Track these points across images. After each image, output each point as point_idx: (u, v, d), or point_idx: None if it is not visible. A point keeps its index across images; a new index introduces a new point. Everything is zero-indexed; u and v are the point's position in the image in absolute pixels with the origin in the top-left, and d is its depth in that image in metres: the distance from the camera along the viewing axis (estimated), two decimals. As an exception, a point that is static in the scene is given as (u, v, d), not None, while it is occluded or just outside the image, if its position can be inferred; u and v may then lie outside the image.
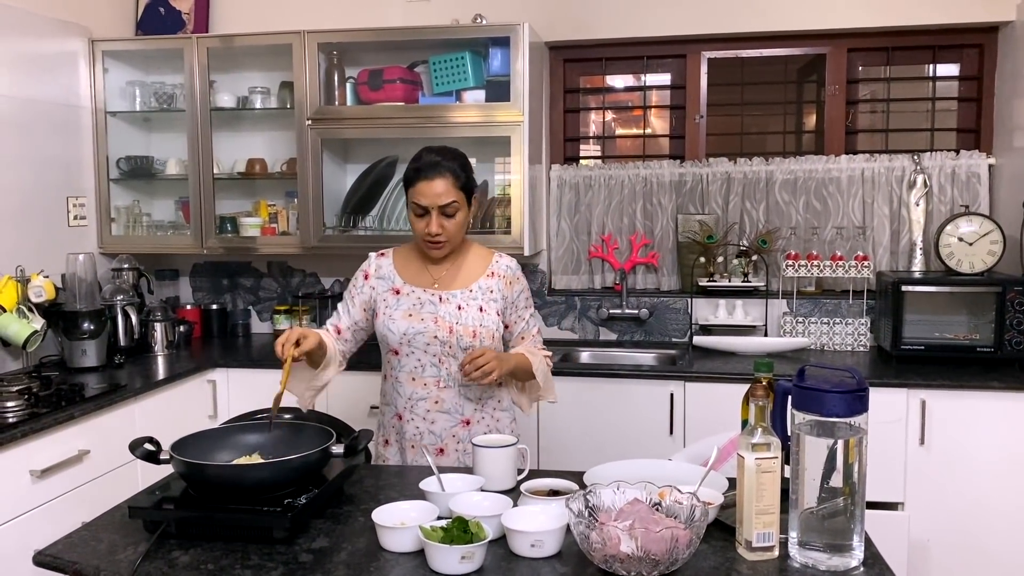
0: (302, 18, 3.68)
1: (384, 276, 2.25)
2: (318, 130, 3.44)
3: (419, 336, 2.16)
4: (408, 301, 2.20)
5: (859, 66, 3.62)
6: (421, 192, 2.12)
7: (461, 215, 2.17)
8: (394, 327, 2.17)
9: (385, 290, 2.23)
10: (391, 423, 2.26)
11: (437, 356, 2.17)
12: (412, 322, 2.17)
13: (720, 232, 3.59)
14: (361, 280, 2.26)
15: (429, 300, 2.19)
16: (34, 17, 3.24)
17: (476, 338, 2.17)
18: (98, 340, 3.13)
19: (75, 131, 3.48)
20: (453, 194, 2.13)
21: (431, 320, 2.17)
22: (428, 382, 2.19)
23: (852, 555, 1.45)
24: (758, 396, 1.49)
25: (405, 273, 2.24)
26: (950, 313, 3.16)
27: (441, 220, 2.13)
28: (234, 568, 1.48)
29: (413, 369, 2.19)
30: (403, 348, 2.18)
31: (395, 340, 2.18)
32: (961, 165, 3.43)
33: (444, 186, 2.12)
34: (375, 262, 2.28)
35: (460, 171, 2.16)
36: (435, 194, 2.11)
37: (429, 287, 2.21)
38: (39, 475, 2.41)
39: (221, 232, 3.62)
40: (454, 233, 2.17)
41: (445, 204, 2.12)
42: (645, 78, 3.80)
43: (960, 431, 2.88)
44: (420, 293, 2.20)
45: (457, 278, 2.23)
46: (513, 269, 2.28)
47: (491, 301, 2.22)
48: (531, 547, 1.49)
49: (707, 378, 3.05)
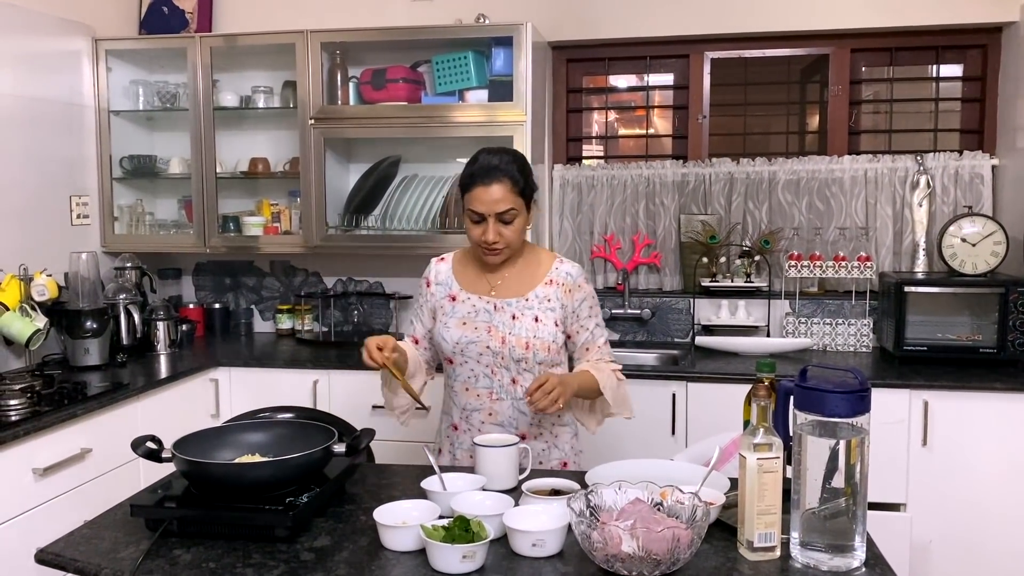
0: (305, 17, 3.68)
1: (442, 282, 2.18)
2: (321, 129, 3.44)
3: (472, 345, 2.09)
4: (463, 308, 2.13)
5: (862, 66, 3.62)
6: (477, 198, 2.02)
7: (519, 221, 2.06)
8: (448, 335, 2.11)
9: (443, 296, 2.16)
10: (447, 432, 2.20)
11: (490, 367, 2.10)
12: (465, 331, 2.10)
13: (723, 232, 3.58)
14: (425, 288, 2.21)
15: (484, 308, 2.11)
16: (38, 16, 3.25)
17: (529, 350, 2.07)
18: (101, 339, 3.14)
19: (79, 130, 3.49)
20: (511, 200, 2.02)
21: (484, 329, 2.09)
22: (481, 393, 2.11)
23: (854, 556, 1.45)
24: (760, 396, 1.49)
25: (463, 279, 2.16)
26: (953, 314, 3.15)
27: (498, 227, 2.03)
28: (236, 566, 1.48)
29: (467, 379, 2.12)
30: (456, 357, 2.12)
31: (448, 349, 2.11)
32: (964, 166, 3.42)
33: (501, 192, 2.01)
34: (434, 268, 2.21)
35: (518, 175, 2.05)
36: (492, 200, 2.01)
37: (485, 294, 2.13)
38: (41, 473, 2.42)
39: (224, 231, 3.62)
40: (512, 240, 2.06)
41: (502, 211, 2.02)
42: (648, 78, 3.80)
43: (963, 432, 2.88)
44: (476, 300, 2.12)
45: (514, 286, 2.13)
46: (574, 276, 2.15)
47: (548, 311, 2.11)
48: (532, 546, 1.49)
49: (709, 378, 3.05)
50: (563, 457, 2.17)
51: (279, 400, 2.89)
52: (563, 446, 2.17)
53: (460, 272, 2.18)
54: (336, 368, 3.26)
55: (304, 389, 3.25)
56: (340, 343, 3.60)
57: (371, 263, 3.82)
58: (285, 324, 3.84)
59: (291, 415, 2.43)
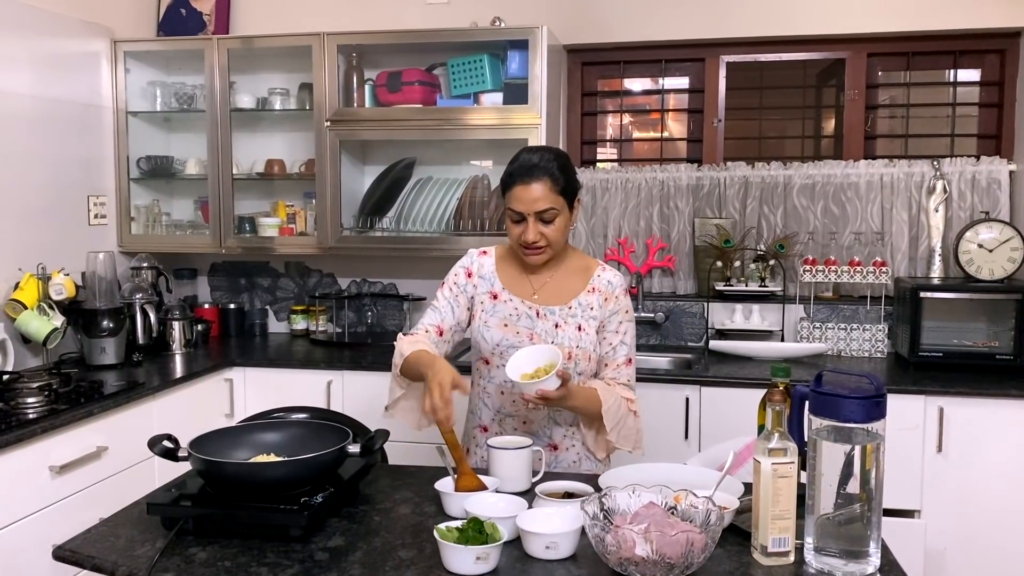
0: (322, 20, 3.70)
1: (485, 276, 2.11)
2: (336, 131, 3.46)
3: (512, 350, 2.00)
4: (505, 309, 2.08)
5: (879, 71, 3.60)
6: (517, 197, 1.99)
7: (561, 220, 2.02)
8: (488, 335, 2.06)
9: (484, 292, 2.10)
10: (473, 433, 2.15)
11: None
12: (507, 333, 2.05)
13: (737, 236, 3.57)
14: (464, 277, 2.12)
15: (527, 313, 2.07)
16: (58, 18, 3.28)
17: (572, 359, 2.02)
18: (117, 338, 3.16)
19: (96, 131, 3.52)
20: (551, 199, 1.98)
21: (527, 335, 2.05)
22: (517, 400, 2.04)
23: (868, 561, 1.44)
24: (775, 401, 1.49)
25: (504, 277, 2.11)
26: (969, 320, 3.13)
27: (539, 227, 1.99)
28: (251, 565, 1.49)
29: (503, 382, 2.05)
30: (495, 359, 2.07)
31: (488, 349, 2.07)
32: (981, 171, 3.40)
33: (541, 191, 1.97)
34: (477, 260, 2.14)
35: (559, 173, 2.00)
36: (532, 199, 1.97)
37: (528, 298, 2.08)
38: (58, 471, 2.44)
39: (239, 232, 3.64)
40: (554, 239, 2.02)
41: (542, 210, 1.98)
42: (663, 81, 3.80)
43: (978, 439, 2.86)
44: (518, 303, 2.08)
45: (557, 292, 2.08)
46: (614, 285, 2.10)
47: (591, 319, 2.06)
48: (546, 549, 1.49)
49: (723, 383, 3.04)
50: (594, 470, 2.10)
51: (293, 400, 2.90)
52: (593, 458, 2.11)
53: (502, 270, 2.12)
54: (350, 369, 3.27)
55: (318, 389, 3.27)
56: (354, 344, 3.61)
57: (385, 264, 3.83)
58: (299, 325, 3.86)
59: (305, 415, 2.43)
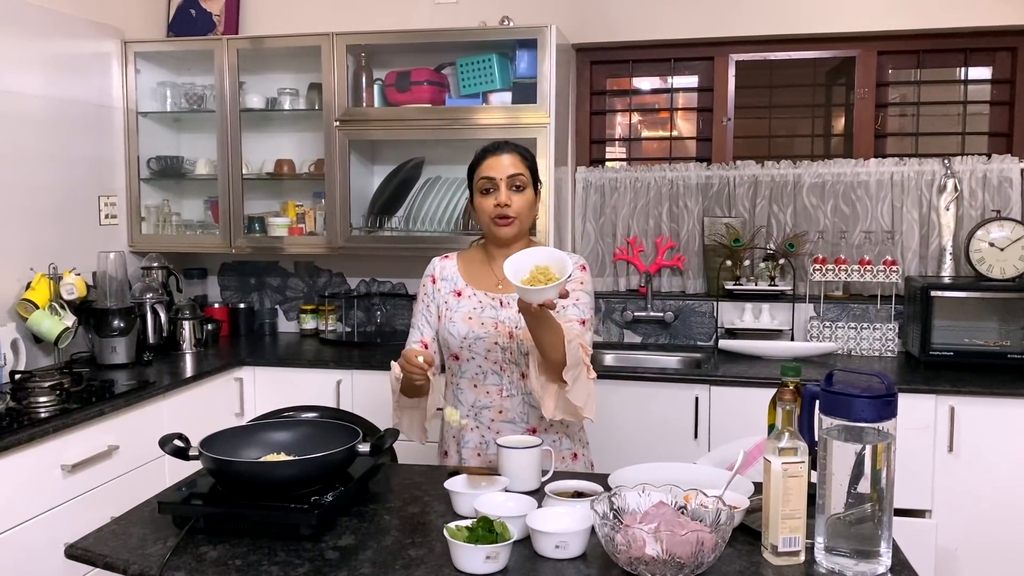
0: (331, 20, 3.71)
1: (447, 277, 2.19)
2: (346, 131, 3.46)
3: (479, 341, 2.09)
4: (469, 304, 2.13)
5: (889, 69, 3.59)
6: (488, 165, 2.09)
7: (529, 193, 2.11)
8: (454, 330, 2.11)
9: (448, 292, 2.16)
10: (452, 433, 2.17)
11: (499, 363, 2.09)
12: (472, 326, 2.10)
13: (747, 235, 3.57)
14: (430, 285, 2.20)
15: (490, 304, 2.12)
16: (69, 19, 3.30)
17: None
18: (128, 337, 3.17)
19: (107, 131, 3.53)
20: (521, 167, 2.09)
21: (492, 325, 2.09)
22: (491, 390, 2.11)
23: (879, 561, 1.44)
24: (786, 400, 1.48)
25: (468, 276, 2.18)
26: (980, 319, 3.12)
27: (509, 193, 2.07)
28: (261, 564, 1.49)
29: (474, 375, 2.12)
30: (463, 353, 2.11)
31: (455, 344, 2.11)
32: (993, 169, 3.39)
33: (511, 160, 2.09)
34: (438, 264, 2.22)
35: (526, 152, 2.13)
36: (502, 166, 2.08)
37: (492, 290, 2.13)
38: (70, 470, 2.45)
39: (249, 232, 3.66)
40: (522, 210, 2.09)
41: (513, 174, 2.07)
42: (672, 80, 3.79)
43: (989, 439, 2.84)
44: (481, 296, 2.13)
45: None
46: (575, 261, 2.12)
47: None
48: (556, 548, 1.49)
49: (732, 382, 3.03)
50: (573, 448, 2.18)
51: (302, 400, 2.90)
52: (573, 436, 2.18)
53: (465, 269, 2.19)
54: (359, 368, 3.28)
55: (327, 389, 3.27)
56: (363, 343, 3.62)
57: (394, 264, 3.84)
58: (309, 324, 3.87)
59: (315, 414, 2.44)
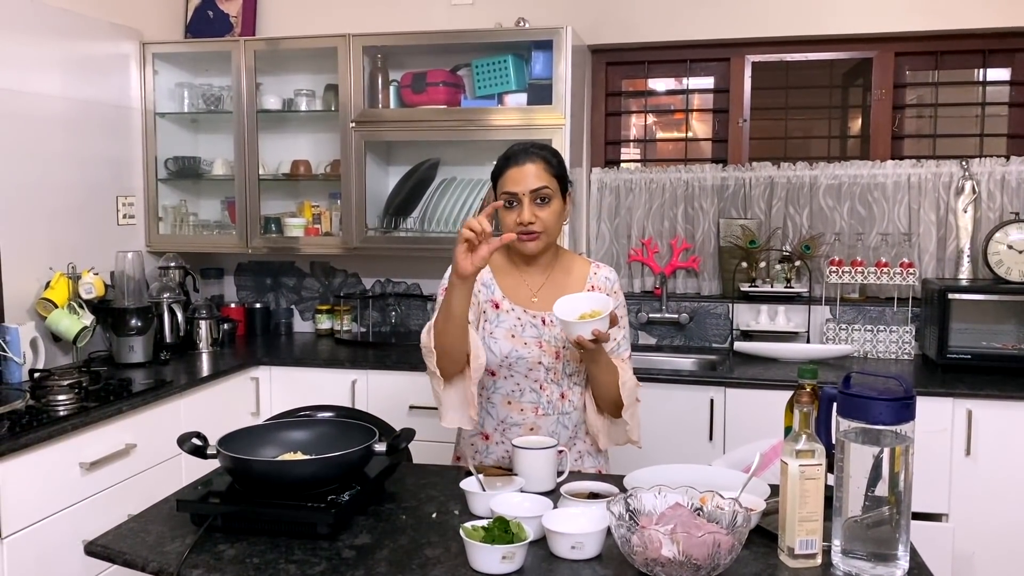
0: (347, 21, 3.72)
1: (486, 283, 2.06)
2: (362, 132, 3.48)
3: (521, 361, 2.01)
4: (509, 320, 2.03)
5: (906, 70, 3.57)
6: (510, 178, 1.96)
7: (556, 204, 1.98)
8: (496, 348, 2.01)
9: (486, 300, 2.05)
10: (471, 439, 2.10)
11: (539, 382, 2.03)
12: (515, 344, 2.01)
13: (763, 237, 3.56)
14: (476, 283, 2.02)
15: (531, 322, 2.03)
16: (88, 20, 3.32)
17: (583, 362, 2.01)
18: (145, 337, 3.20)
19: (125, 132, 3.56)
20: (545, 179, 1.96)
21: (535, 344, 2.02)
22: (525, 407, 2.03)
23: (897, 565, 1.43)
24: (803, 402, 1.48)
25: (502, 284, 2.06)
26: (998, 322, 3.09)
27: (534, 208, 1.95)
28: (279, 562, 1.50)
29: (510, 392, 2.04)
30: (502, 371, 2.03)
31: (495, 361, 2.02)
32: (1011, 171, 3.36)
33: (535, 170, 1.95)
34: None
35: (552, 157, 2.00)
36: (525, 178, 1.94)
37: (528, 305, 2.04)
38: (88, 467, 2.47)
39: (266, 232, 3.67)
40: (549, 223, 1.97)
41: (537, 188, 1.94)
42: (688, 81, 3.78)
43: (1007, 443, 2.82)
44: (520, 313, 2.04)
45: (556, 294, 1.98)
46: (612, 282, 2.10)
47: None
48: (571, 549, 1.49)
49: (748, 384, 3.03)
50: (597, 465, 2.14)
51: (318, 399, 2.91)
52: (596, 454, 2.13)
53: (499, 277, 2.08)
54: (374, 368, 3.29)
55: (342, 388, 3.29)
56: (378, 343, 3.63)
57: (409, 265, 3.85)
58: (324, 324, 3.88)
59: (331, 414, 2.45)
